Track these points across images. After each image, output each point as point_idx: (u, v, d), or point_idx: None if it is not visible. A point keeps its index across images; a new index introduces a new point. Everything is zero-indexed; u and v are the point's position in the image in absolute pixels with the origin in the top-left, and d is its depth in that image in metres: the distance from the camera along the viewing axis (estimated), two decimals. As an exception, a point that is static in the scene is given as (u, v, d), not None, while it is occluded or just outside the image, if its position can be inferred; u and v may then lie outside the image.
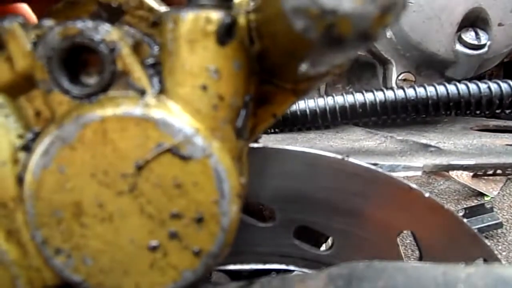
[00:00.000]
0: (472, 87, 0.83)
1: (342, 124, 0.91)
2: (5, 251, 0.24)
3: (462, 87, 0.83)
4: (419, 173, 0.74)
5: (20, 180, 0.24)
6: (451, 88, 0.83)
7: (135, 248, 0.24)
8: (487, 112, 0.86)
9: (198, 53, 0.23)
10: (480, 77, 1.24)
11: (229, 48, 0.23)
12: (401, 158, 0.75)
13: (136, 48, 0.23)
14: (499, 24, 1.01)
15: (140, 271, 0.24)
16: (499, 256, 0.41)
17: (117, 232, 0.23)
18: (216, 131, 0.23)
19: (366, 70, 1.17)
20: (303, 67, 0.22)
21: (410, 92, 0.83)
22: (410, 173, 0.73)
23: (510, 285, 0.21)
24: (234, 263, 0.41)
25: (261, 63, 0.24)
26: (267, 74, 0.25)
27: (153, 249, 0.24)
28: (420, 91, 0.83)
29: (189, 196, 0.23)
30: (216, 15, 0.23)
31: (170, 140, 0.23)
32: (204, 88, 0.23)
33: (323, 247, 0.44)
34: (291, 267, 0.42)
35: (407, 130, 1.05)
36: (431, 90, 0.83)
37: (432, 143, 0.84)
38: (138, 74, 0.23)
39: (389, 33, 1.00)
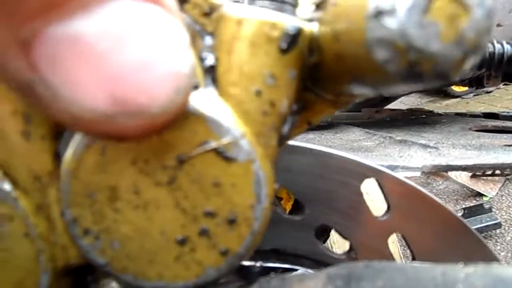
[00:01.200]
0: None
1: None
2: (32, 224, 0.24)
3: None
4: (418, 173, 0.74)
5: (58, 156, 0.23)
6: None
7: (164, 240, 0.24)
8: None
9: (259, 57, 0.23)
10: (479, 78, 1.25)
11: (289, 56, 0.23)
12: (400, 159, 0.75)
13: (193, 39, 0.23)
14: (498, 25, 1.01)
15: (165, 262, 0.24)
16: (498, 256, 0.41)
17: (149, 221, 0.23)
18: (262, 136, 0.23)
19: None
20: (360, 89, 0.22)
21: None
22: (409, 174, 0.73)
23: (508, 285, 0.21)
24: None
25: (311, 73, 0.24)
26: (311, 83, 0.25)
27: (182, 242, 0.24)
28: None
29: (226, 196, 0.23)
30: (282, 22, 0.22)
31: (217, 139, 0.22)
32: (258, 92, 0.23)
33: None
34: (294, 266, 0.42)
35: (406, 130, 1.05)
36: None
37: (431, 144, 0.84)
38: (198, 72, 0.23)
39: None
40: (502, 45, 0.83)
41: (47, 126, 0.23)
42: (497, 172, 1.60)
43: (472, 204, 1.64)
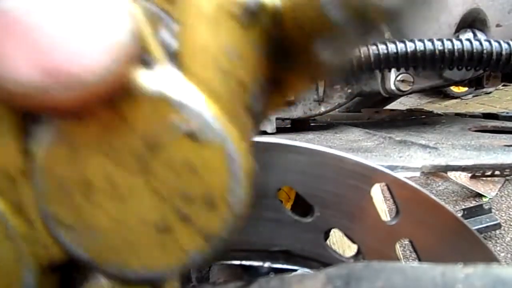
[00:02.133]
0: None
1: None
2: (12, 226, 0.23)
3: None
4: (418, 174, 0.74)
5: (28, 153, 0.23)
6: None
7: (145, 228, 0.23)
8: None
9: (221, 35, 0.22)
10: (478, 79, 1.25)
11: (252, 32, 0.22)
12: (400, 159, 0.75)
13: (155, 24, 0.23)
14: (497, 25, 1.01)
15: (148, 251, 0.24)
16: (498, 257, 0.41)
17: (127, 211, 0.23)
18: (233, 116, 0.23)
19: (365, 72, 1.17)
20: (324, 54, 0.22)
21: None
22: (409, 174, 0.73)
23: (508, 285, 0.21)
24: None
25: (280, 47, 0.24)
26: (282, 57, 0.25)
27: (163, 229, 0.23)
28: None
29: (202, 180, 0.23)
30: None
31: (187, 122, 0.22)
32: (225, 71, 0.23)
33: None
34: (302, 268, 0.42)
35: (405, 131, 1.05)
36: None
37: (431, 144, 0.84)
38: (158, 53, 0.22)
39: (387, 34, 1.00)
40: (499, 43, 0.83)
41: (14, 124, 0.23)
42: (497, 172, 1.60)
43: (471, 205, 1.64)
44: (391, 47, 0.83)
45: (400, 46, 0.82)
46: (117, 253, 0.24)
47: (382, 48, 0.83)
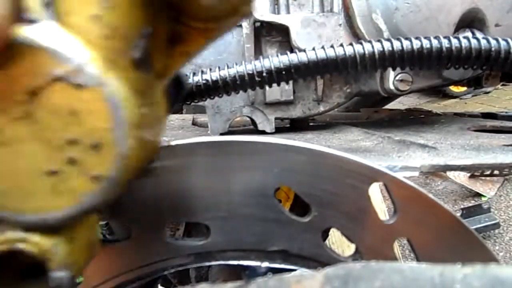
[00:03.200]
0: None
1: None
2: None
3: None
4: (417, 173, 0.74)
5: None
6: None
7: (35, 173, 0.24)
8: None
9: None
10: (477, 78, 1.25)
11: None
12: (398, 159, 0.75)
13: None
14: (496, 25, 1.01)
15: (40, 195, 0.25)
16: (496, 257, 0.41)
17: (17, 157, 0.24)
18: (109, 61, 0.24)
19: (363, 71, 1.17)
20: (205, 1, 0.23)
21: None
22: (408, 174, 0.73)
23: (506, 285, 0.21)
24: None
25: (173, 2, 0.25)
26: (175, 12, 0.26)
27: (52, 173, 0.24)
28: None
29: (85, 123, 0.24)
30: None
31: (62, 68, 0.23)
32: (97, 17, 0.24)
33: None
34: (300, 268, 0.42)
35: (404, 130, 1.05)
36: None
37: (430, 144, 0.84)
38: (33, 5, 0.23)
39: (386, 34, 1.00)
40: (498, 41, 0.83)
41: None
42: (496, 172, 1.60)
43: (470, 205, 1.64)
44: (396, 45, 0.82)
45: (406, 43, 0.81)
46: (10, 199, 0.25)
47: (386, 45, 0.82)
